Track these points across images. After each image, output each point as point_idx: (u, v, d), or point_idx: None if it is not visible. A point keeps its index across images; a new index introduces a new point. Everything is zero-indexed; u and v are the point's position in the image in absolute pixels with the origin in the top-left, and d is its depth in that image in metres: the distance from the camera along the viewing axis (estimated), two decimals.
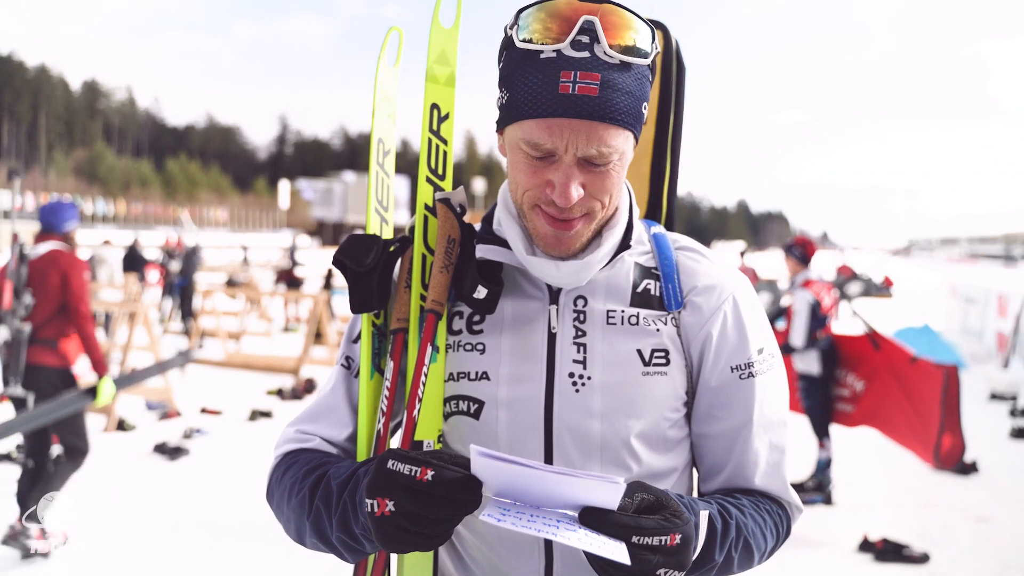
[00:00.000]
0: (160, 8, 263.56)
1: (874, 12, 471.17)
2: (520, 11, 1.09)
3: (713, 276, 1.25)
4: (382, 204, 1.32)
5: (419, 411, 1.16)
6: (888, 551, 4.92)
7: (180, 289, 15.37)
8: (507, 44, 1.11)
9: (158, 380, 8.69)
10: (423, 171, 1.26)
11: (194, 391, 9.62)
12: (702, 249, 1.29)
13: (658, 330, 1.20)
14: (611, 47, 1.04)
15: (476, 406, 1.20)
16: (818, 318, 5.99)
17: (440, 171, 1.27)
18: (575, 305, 1.21)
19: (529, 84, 1.06)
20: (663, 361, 1.20)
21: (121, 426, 7.85)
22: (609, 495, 0.92)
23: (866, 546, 5.02)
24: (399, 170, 1.43)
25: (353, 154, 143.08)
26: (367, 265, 1.20)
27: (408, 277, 1.24)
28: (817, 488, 6.00)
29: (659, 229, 1.32)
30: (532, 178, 1.11)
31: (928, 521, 5.61)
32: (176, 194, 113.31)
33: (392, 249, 1.26)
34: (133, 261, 16.26)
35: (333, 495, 1.10)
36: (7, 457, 6.65)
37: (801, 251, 6.28)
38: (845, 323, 8.86)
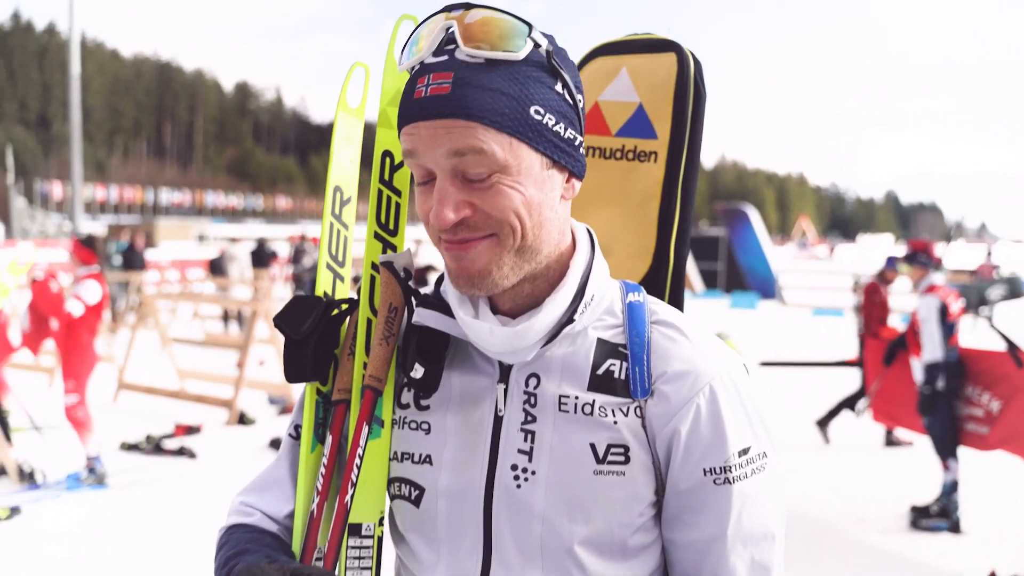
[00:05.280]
0: (312, 14, 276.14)
1: None
2: (405, 43, 1.03)
3: (688, 360, 1.04)
4: (336, 259, 1.20)
5: (352, 496, 1.05)
6: None
7: (312, 285, 16.02)
8: None
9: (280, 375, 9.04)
10: (371, 226, 1.14)
11: None
12: (684, 325, 1.08)
13: (616, 422, 1.02)
14: (469, 46, 0.94)
15: (417, 492, 1.08)
16: (945, 325, 5.51)
17: (392, 226, 1.15)
18: (526, 385, 1.05)
19: (401, 103, 0.99)
20: (621, 459, 1.02)
21: (242, 419, 8.20)
22: None
23: None
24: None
25: None
26: (302, 332, 1.11)
27: (352, 343, 1.13)
28: (942, 513, 5.51)
29: (638, 296, 1.11)
30: (423, 207, 1.00)
31: None
32: (319, 189, 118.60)
33: (336, 313, 1.15)
34: (260, 257, 16.99)
35: None
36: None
37: (925, 256, 5.82)
38: (979, 336, 8.13)
